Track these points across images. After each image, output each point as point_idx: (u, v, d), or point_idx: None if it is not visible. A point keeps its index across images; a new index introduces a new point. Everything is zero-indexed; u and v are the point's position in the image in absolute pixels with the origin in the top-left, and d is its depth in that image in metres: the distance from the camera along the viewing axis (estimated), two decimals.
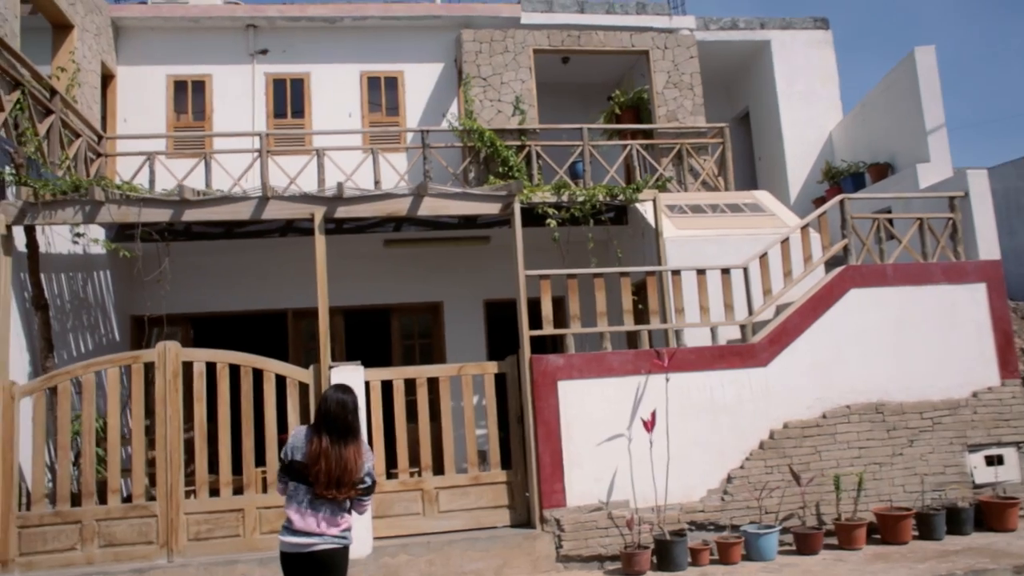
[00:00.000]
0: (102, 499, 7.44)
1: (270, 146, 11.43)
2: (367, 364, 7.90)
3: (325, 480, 4.43)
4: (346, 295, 11.42)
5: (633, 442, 7.88)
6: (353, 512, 4.61)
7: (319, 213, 7.93)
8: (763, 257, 8.66)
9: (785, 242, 8.75)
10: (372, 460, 4.63)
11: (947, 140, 10.88)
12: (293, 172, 11.04)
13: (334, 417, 4.50)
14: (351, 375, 7.64)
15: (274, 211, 7.95)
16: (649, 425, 7.67)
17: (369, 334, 12.90)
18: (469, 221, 10.67)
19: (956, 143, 40.33)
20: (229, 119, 11.97)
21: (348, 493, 4.49)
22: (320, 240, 7.93)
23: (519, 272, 8.12)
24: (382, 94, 12.40)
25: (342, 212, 8.04)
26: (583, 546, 7.65)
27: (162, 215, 7.79)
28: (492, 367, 8.18)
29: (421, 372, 8.03)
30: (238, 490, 7.61)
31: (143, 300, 11.17)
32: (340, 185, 7.84)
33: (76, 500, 7.40)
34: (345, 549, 4.56)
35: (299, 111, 12.23)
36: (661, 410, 7.83)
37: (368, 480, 4.58)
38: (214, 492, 7.59)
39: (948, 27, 49.61)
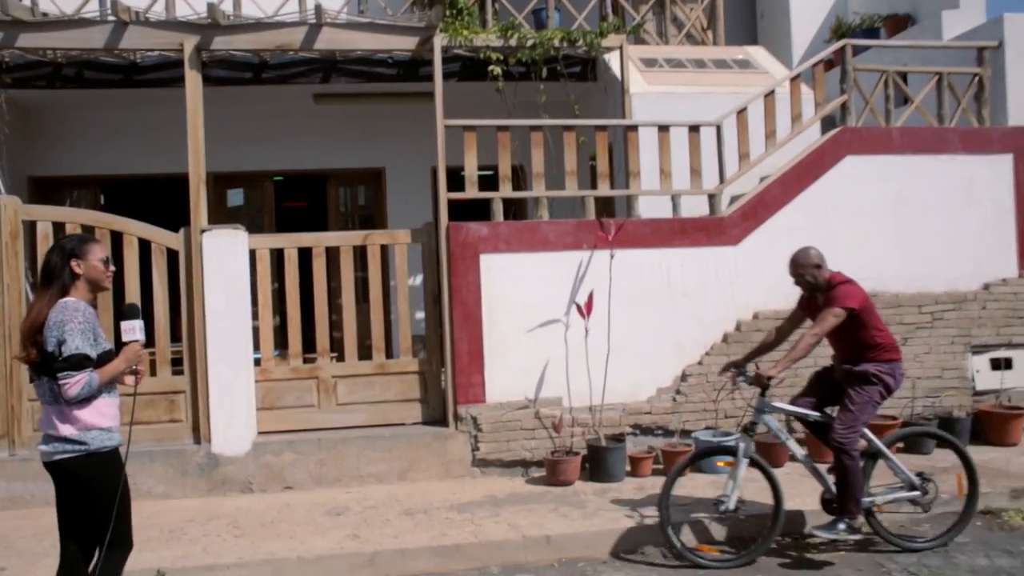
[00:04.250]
0: None
1: None
2: None
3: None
4: (274, 158, 10.04)
5: (571, 330, 6.61)
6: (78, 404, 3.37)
7: (189, 43, 6.40)
8: (741, 114, 7.13)
9: (770, 97, 7.21)
10: (75, 323, 3.31)
11: None
12: None
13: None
14: (230, 240, 6.33)
15: (135, 40, 6.43)
16: (586, 310, 6.37)
17: (304, 203, 11.63)
18: (410, 72, 9.15)
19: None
20: None
21: (29, 353, 3.35)
22: (192, 77, 6.43)
23: (438, 121, 6.70)
24: None
25: (220, 43, 6.51)
26: (504, 449, 6.49)
27: None
28: (404, 236, 6.83)
29: (319, 240, 6.70)
30: None
31: (44, 159, 9.85)
32: (212, 7, 6.28)
33: None
34: (88, 457, 3.38)
35: None
36: (604, 292, 6.51)
37: (63, 349, 3.27)
38: None
39: None
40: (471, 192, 6.76)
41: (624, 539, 5.08)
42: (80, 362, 3.28)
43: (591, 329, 6.45)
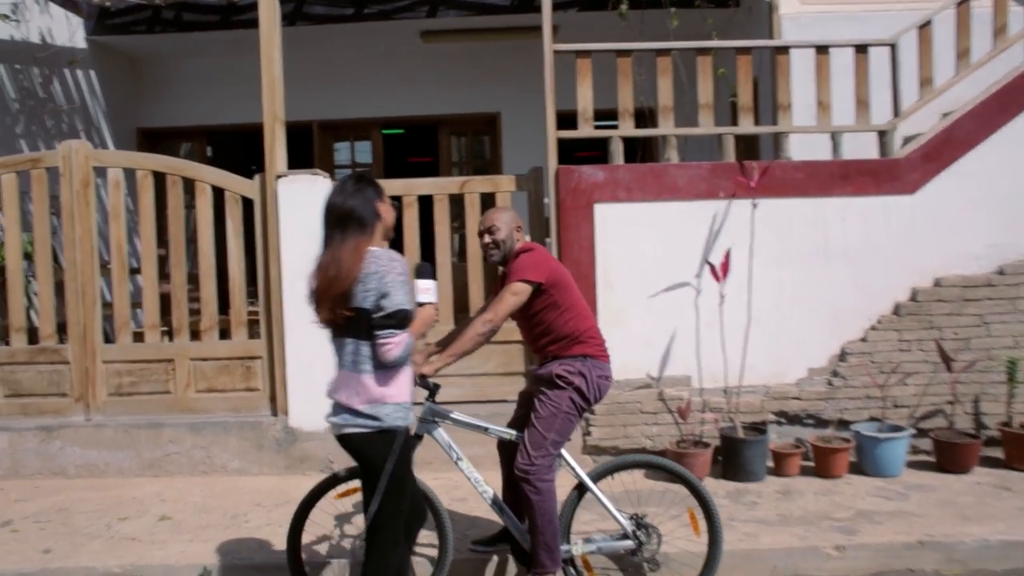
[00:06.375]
0: (7, 339, 5.96)
1: None
2: None
3: (312, 301, 2.96)
4: (381, 104, 9.33)
5: (702, 295, 5.52)
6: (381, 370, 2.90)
7: None
8: (924, 29, 5.74)
9: (964, 5, 5.75)
10: (395, 274, 2.83)
11: None
12: None
13: (327, 207, 2.98)
14: (307, 187, 5.58)
15: None
16: (720, 271, 5.26)
17: (414, 153, 10.97)
18: (525, 2, 8.17)
19: None
20: None
21: (338, 312, 2.85)
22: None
23: (545, 46, 5.69)
24: None
25: None
26: (620, 435, 5.52)
27: None
28: (507, 183, 5.90)
29: (410, 187, 5.86)
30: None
31: (151, 110, 9.55)
32: None
33: None
34: (380, 435, 2.88)
35: None
36: (744, 250, 5.38)
37: (385, 304, 2.81)
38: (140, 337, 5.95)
39: None
40: (585, 130, 5.74)
41: (756, 561, 4.02)
42: (404, 319, 2.84)
43: (727, 295, 5.34)
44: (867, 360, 5.45)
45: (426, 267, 3.16)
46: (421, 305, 3.06)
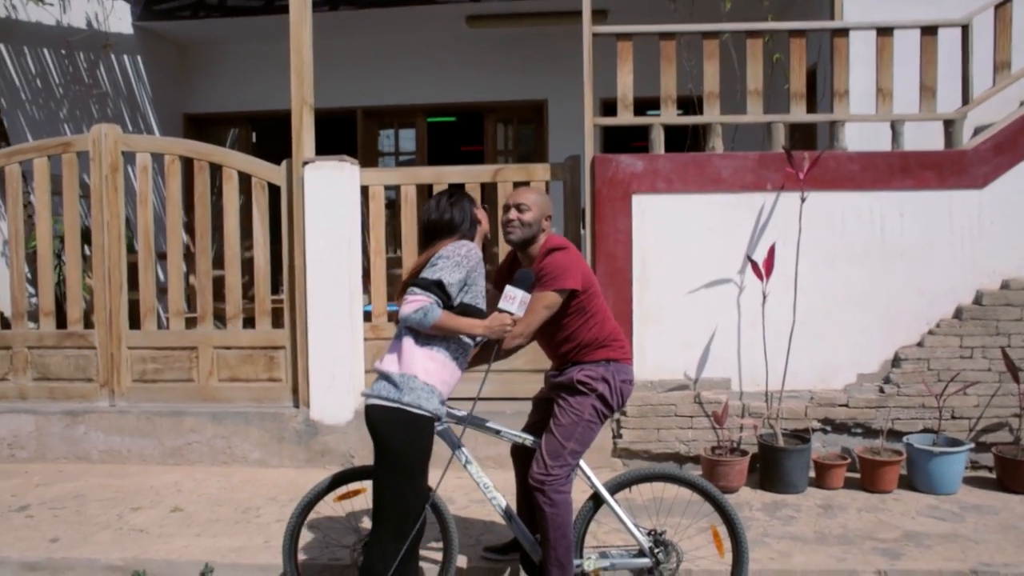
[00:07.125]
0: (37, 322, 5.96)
1: None
2: None
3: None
4: (426, 90, 9.14)
5: (744, 293, 5.19)
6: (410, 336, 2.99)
7: None
8: (1002, 8, 5.26)
9: None
10: (456, 256, 2.95)
11: None
12: None
13: (428, 223, 3.11)
14: (335, 173, 5.41)
15: None
16: (764, 268, 4.91)
17: (460, 141, 10.79)
18: None
19: None
20: None
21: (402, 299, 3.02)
22: None
23: (584, 28, 5.42)
24: None
25: None
26: (653, 439, 5.22)
27: None
28: (542, 172, 5.65)
29: (440, 176, 5.66)
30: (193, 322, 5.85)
31: (197, 96, 9.55)
32: None
33: (5, 322, 5.97)
34: (396, 412, 2.85)
35: None
36: (791, 246, 5.02)
37: (428, 273, 2.94)
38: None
39: None
40: (624, 117, 5.44)
41: None
42: (428, 285, 2.90)
43: (771, 293, 5.00)
44: (923, 367, 5.04)
45: (526, 277, 3.10)
46: (501, 311, 3.04)
